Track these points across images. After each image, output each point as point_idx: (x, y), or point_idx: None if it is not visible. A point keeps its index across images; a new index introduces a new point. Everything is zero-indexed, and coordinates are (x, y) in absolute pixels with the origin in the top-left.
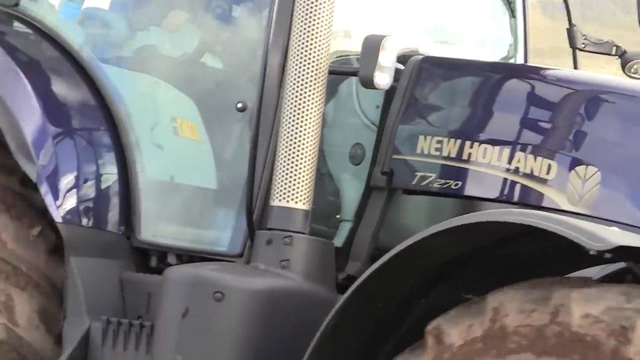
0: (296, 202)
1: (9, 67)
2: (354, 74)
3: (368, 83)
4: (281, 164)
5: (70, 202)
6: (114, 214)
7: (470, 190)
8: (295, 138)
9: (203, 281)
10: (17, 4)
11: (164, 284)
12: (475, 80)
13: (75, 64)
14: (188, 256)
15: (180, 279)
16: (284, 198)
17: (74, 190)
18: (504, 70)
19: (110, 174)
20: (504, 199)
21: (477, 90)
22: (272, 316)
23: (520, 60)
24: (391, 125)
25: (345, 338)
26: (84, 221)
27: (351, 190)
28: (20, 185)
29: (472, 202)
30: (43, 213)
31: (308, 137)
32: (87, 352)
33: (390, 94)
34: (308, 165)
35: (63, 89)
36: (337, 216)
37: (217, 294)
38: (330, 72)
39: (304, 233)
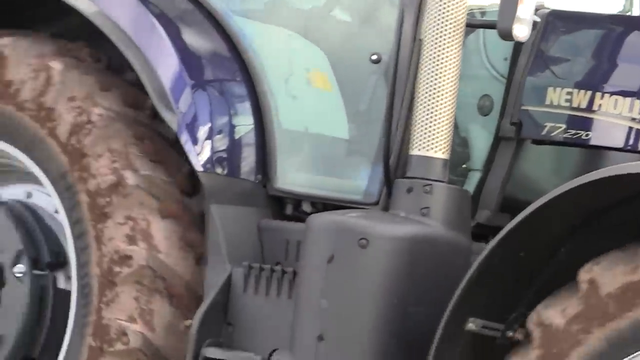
0: (435, 151)
1: (146, 19)
2: (492, 26)
3: (507, 35)
4: (420, 114)
5: (209, 151)
6: (250, 163)
7: (601, 140)
8: (435, 89)
9: (348, 228)
10: None
11: (308, 231)
12: (602, 32)
13: (209, 17)
14: (322, 204)
15: (325, 226)
16: (423, 147)
17: (212, 140)
18: (631, 23)
19: (246, 124)
20: (636, 149)
21: (604, 42)
22: (415, 262)
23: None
24: (519, 77)
25: (489, 285)
26: (222, 170)
27: (480, 141)
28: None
29: (599, 153)
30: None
31: (447, 89)
32: (229, 297)
33: (518, 46)
34: (447, 115)
35: (198, 41)
36: (464, 165)
37: (362, 241)
38: (467, 25)
39: (442, 181)
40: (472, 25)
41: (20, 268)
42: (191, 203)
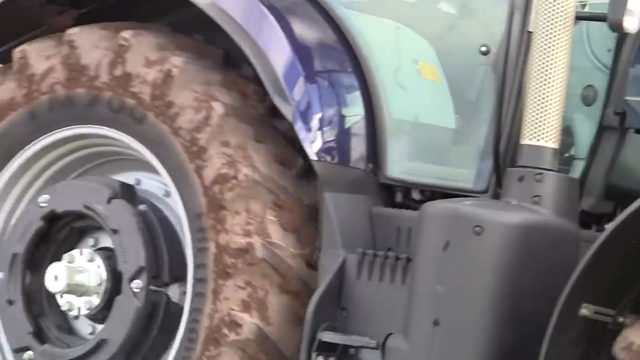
0: (546, 141)
1: (258, 11)
2: (602, 18)
3: (617, 27)
4: (531, 105)
5: (323, 140)
6: (361, 152)
7: None
8: (546, 81)
9: (463, 216)
10: None
11: (423, 218)
12: None
13: (319, 9)
14: (431, 192)
15: (441, 213)
16: (534, 137)
17: (326, 129)
18: None
19: (357, 114)
20: None
21: None
22: (528, 249)
23: None
24: (623, 68)
25: (601, 272)
26: (335, 158)
27: (584, 130)
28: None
29: None
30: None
31: (557, 80)
32: (343, 282)
33: (622, 38)
34: (557, 105)
35: (309, 32)
36: (568, 154)
37: (476, 228)
38: (576, 18)
39: (553, 170)
40: (581, 18)
41: (138, 284)
42: (304, 194)
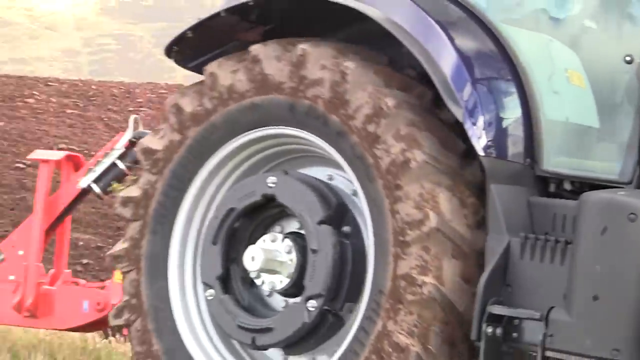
0: None
1: (427, 23)
2: None
3: None
4: None
5: (488, 138)
6: (520, 148)
7: None
8: None
9: (619, 204)
10: None
11: (582, 207)
12: None
13: (481, 24)
14: (580, 183)
15: (599, 202)
16: None
17: (490, 128)
18: None
19: (516, 115)
20: None
21: None
22: None
23: None
24: None
25: None
26: (499, 154)
27: None
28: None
29: None
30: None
31: None
32: (508, 262)
33: None
34: None
35: (473, 43)
36: None
37: (631, 215)
38: None
39: None
40: None
41: (312, 304)
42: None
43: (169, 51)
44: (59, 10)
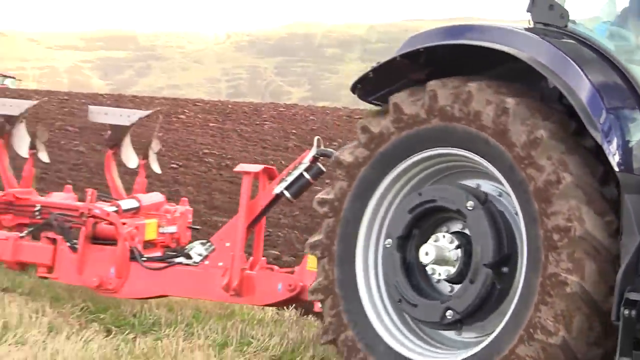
0: None
1: (569, 65)
2: None
3: None
4: None
5: (622, 156)
6: None
7: None
8: None
9: None
10: (566, 26)
11: None
12: None
13: (610, 63)
14: None
15: None
16: None
17: (622, 148)
18: None
19: None
20: None
21: None
22: None
23: None
24: None
25: None
26: (632, 169)
27: None
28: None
29: None
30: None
31: None
32: (639, 258)
33: None
34: None
35: (605, 79)
36: None
37: None
38: None
39: None
40: None
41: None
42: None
43: (354, 88)
44: (204, 48)
